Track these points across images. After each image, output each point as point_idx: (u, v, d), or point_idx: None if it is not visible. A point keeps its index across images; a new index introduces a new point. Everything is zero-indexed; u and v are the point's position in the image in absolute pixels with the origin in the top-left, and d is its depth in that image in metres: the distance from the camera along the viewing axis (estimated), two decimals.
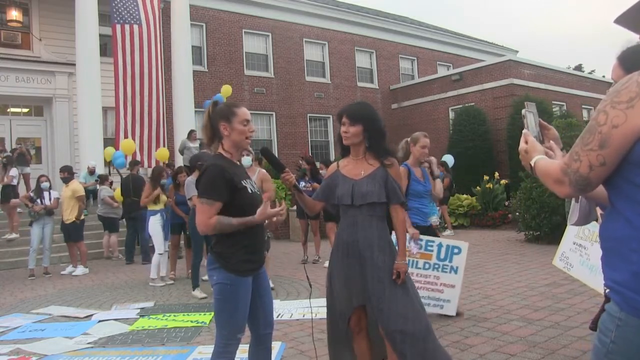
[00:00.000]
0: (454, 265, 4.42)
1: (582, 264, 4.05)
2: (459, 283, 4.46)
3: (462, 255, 4.44)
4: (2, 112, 13.17)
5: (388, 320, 2.59)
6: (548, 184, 1.44)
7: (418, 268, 4.37)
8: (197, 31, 15.80)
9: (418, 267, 4.37)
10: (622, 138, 1.22)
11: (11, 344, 4.41)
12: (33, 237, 8.07)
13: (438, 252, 4.40)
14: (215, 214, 2.36)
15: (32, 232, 8.08)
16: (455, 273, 4.41)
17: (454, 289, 4.42)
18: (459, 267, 4.42)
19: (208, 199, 2.36)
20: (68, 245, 8.58)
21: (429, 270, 4.38)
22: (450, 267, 4.41)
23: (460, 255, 4.42)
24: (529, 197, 9.54)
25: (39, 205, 8.01)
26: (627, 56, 1.48)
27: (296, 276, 7.06)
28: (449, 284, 4.41)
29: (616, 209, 1.32)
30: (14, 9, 12.98)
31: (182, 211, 7.28)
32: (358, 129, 2.71)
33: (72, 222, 8.23)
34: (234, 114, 2.48)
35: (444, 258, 4.40)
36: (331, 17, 18.74)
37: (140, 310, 5.48)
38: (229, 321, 2.41)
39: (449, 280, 4.40)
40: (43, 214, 8.04)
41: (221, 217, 2.37)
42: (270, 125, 17.23)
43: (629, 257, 1.25)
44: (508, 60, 16.75)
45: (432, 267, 4.39)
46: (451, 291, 4.41)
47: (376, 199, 2.67)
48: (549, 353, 3.55)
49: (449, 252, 4.41)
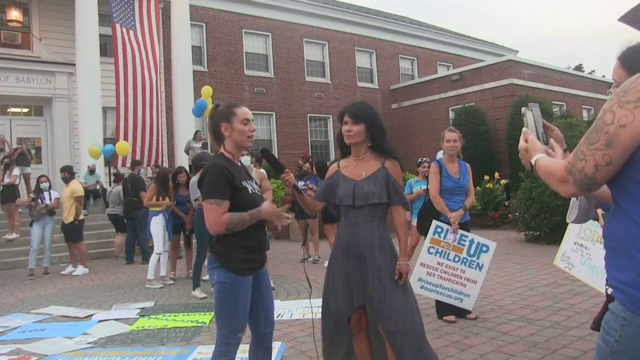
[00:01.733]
0: (480, 262, 4.50)
1: (583, 264, 4.05)
2: (482, 280, 4.54)
3: (489, 254, 4.51)
4: (2, 112, 13.16)
5: (389, 320, 2.59)
6: (551, 182, 1.43)
7: (448, 259, 4.45)
8: (197, 31, 15.80)
9: (449, 258, 4.45)
10: (629, 138, 1.21)
11: (11, 344, 4.40)
12: (33, 237, 8.06)
13: (469, 247, 4.48)
14: (225, 212, 2.38)
15: (33, 232, 8.07)
16: (479, 270, 4.49)
17: (475, 285, 4.49)
18: (484, 265, 4.50)
19: (215, 199, 2.37)
20: (68, 245, 8.58)
21: (457, 263, 4.46)
22: (477, 263, 4.49)
23: (487, 254, 4.50)
24: (529, 197, 9.54)
25: (40, 204, 8.01)
26: (628, 56, 1.47)
27: (296, 276, 7.06)
28: (472, 279, 4.49)
29: (621, 208, 1.31)
30: (14, 9, 12.97)
31: (182, 211, 7.28)
32: (360, 128, 2.70)
33: (71, 223, 8.22)
34: (234, 114, 2.49)
35: (473, 254, 4.48)
36: (331, 17, 18.74)
37: (140, 310, 5.47)
38: (229, 320, 2.41)
39: (473, 275, 4.48)
40: (44, 214, 8.04)
41: (232, 214, 2.38)
42: (270, 125, 17.23)
43: (635, 257, 1.24)
44: (508, 60, 16.76)
45: (462, 260, 4.46)
46: (473, 287, 4.49)
47: (377, 200, 2.67)
48: (549, 353, 3.55)
49: (478, 249, 4.49)
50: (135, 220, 9.15)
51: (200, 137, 11.59)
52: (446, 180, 4.48)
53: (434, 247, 4.39)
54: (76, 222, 8.27)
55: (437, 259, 4.40)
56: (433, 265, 4.39)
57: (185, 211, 7.28)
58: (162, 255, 6.94)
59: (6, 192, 9.40)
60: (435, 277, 4.39)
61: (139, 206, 8.58)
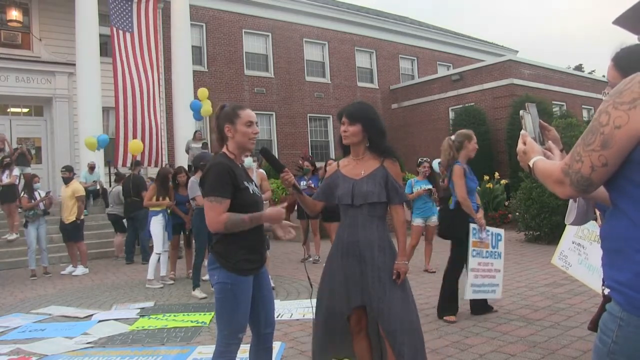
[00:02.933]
0: (499, 251, 4.66)
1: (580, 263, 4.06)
2: (502, 267, 4.72)
3: (502, 241, 4.70)
4: (2, 112, 13.16)
5: (388, 320, 2.60)
6: (548, 184, 1.44)
7: (483, 257, 4.57)
8: (197, 31, 15.80)
9: (483, 256, 4.57)
10: (624, 139, 1.22)
11: (11, 344, 4.40)
12: (29, 238, 8.03)
13: (491, 240, 4.62)
14: (225, 211, 2.38)
15: (28, 233, 8.05)
16: (500, 258, 4.66)
17: (500, 273, 4.66)
18: (502, 252, 4.68)
19: (217, 197, 2.38)
20: (68, 245, 8.58)
21: (488, 258, 4.58)
22: (497, 252, 4.64)
23: (502, 241, 4.68)
24: (529, 197, 9.54)
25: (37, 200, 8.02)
26: (621, 57, 1.48)
27: (296, 276, 7.06)
28: (497, 268, 4.65)
29: (619, 209, 1.31)
30: (14, 9, 12.98)
31: (182, 211, 7.29)
32: (357, 129, 2.71)
33: (72, 222, 8.23)
34: (237, 115, 2.51)
35: (494, 245, 4.62)
36: (331, 17, 18.74)
37: (140, 310, 5.47)
38: (230, 321, 2.42)
39: (498, 265, 4.65)
40: (40, 215, 8.06)
41: (232, 214, 2.38)
42: (270, 125, 17.23)
43: (632, 257, 1.25)
44: (508, 60, 16.76)
45: (490, 254, 4.59)
46: (499, 275, 4.65)
47: (376, 199, 2.67)
48: (549, 353, 3.55)
49: (494, 238, 4.64)
50: (136, 220, 9.15)
51: (200, 137, 11.66)
52: (470, 181, 4.54)
53: (475, 249, 4.49)
54: (78, 221, 8.28)
55: (478, 260, 4.52)
56: (476, 267, 4.51)
57: (185, 211, 7.28)
58: (162, 255, 6.95)
59: (6, 192, 9.40)
60: (478, 278, 4.52)
61: (139, 206, 8.58)
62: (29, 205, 7.98)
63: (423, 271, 7.05)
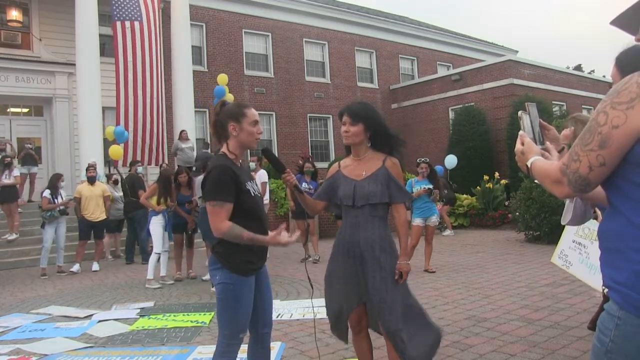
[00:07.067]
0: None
1: (581, 262, 4.06)
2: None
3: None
4: (2, 112, 13.16)
5: (390, 320, 2.60)
6: (546, 184, 1.44)
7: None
8: (197, 31, 15.80)
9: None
10: (622, 139, 1.22)
11: (11, 344, 4.40)
12: (46, 237, 8.18)
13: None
14: (227, 217, 2.35)
15: (45, 232, 8.20)
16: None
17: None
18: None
19: (218, 202, 2.35)
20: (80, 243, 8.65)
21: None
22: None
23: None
24: (529, 197, 9.55)
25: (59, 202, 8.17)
26: (622, 57, 1.49)
27: (296, 276, 7.06)
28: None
29: (616, 209, 1.32)
30: (14, 9, 12.97)
31: (184, 211, 7.28)
32: (359, 129, 2.69)
33: (103, 220, 8.74)
34: (244, 114, 2.46)
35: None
36: (331, 17, 18.73)
37: (140, 310, 5.47)
38: (232, 321, 2.41)
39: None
40: (58, 216, 8.16)
41: (234, 227, 2.34)
42: (270, 125, 17.23)
43: (630, 256, 1.25)
44: (508, 60, 16.77)
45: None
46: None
47: (378, 200, 2.66)
48: (549, 353, 3.55)
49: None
50: (135, 220, 9.15)
51: (186, 136, 11.65)
52: None
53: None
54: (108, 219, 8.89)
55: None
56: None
57: (188, 211, 7.28)
58: (162, 255, 6.95)
59: (6, 192, 9.40)
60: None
61: (137, 206, 8.59)
62: (49, 206, 8.04)
63: (423, 271, 7.05)
